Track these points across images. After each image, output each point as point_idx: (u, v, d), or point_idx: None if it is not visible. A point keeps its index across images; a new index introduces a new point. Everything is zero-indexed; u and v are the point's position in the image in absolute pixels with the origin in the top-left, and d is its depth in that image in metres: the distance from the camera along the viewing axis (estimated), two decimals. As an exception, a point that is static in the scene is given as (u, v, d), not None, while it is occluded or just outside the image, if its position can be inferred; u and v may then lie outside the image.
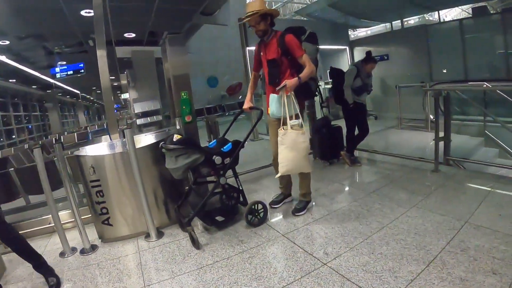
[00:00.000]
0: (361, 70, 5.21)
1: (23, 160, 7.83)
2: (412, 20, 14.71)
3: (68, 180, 3.53)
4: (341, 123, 5.82)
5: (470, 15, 12.37)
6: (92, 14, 6.49)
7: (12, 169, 4.82)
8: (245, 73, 9.07)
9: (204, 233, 3.57)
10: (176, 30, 8.73)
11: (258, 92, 8.48)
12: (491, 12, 11.33)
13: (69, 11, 6.34)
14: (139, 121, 11.03)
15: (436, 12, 15.06)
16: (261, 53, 3.64)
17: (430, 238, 2.96)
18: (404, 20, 13.91)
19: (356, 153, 5.69)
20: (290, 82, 3.31)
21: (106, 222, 3.68)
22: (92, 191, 3.60)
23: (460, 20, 11.18)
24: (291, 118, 3.38)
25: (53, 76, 10.99)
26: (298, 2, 15.68)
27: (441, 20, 12.93)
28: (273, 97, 3.51)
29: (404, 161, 5.45)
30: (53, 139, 12.59)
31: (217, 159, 3.35)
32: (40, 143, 11.42)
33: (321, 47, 3.82)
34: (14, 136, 14.57)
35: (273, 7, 16.81)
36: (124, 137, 3.49)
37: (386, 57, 12.15)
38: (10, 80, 13.91)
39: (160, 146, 3.30)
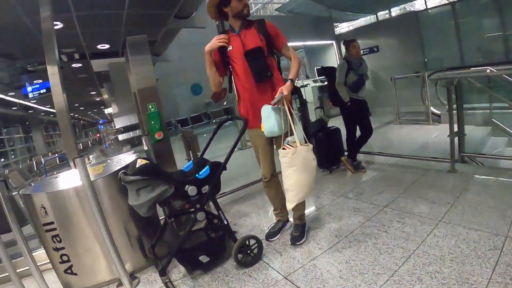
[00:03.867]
0: (351, 62, 4.58)
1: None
2: (393, 12, 14.13)
3: (15, 222, 2.81)
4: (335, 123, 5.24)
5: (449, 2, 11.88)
6: (60, 26, 5.90)
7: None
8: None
9: (187, 278, 2.85)
10: (152, 38, 8.15)
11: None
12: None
13: (34, 26, 5.70)
14: (121, 137, 10.70)
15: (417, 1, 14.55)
16: (229, 48, 2.90)
17: (470, 265, 2.32)
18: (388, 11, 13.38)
19: (359, 156, 5.00)
20: (286, 88, 2.66)
21: (68, 271, 2.99)
22: (47, 236, 2.92)
23: (452, 3, 10.57)
24: (291, 132, 2.73)
25: (25, 96, 10.32)
26: (277, 2, 15.10)
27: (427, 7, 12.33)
28: (268, 109, 2.73)
29: (413, 162, 4.82)
30: (35, 162, 11.92)
31: (191, 190, 2.62)
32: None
33: (306, 43, 3.16)
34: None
35: (253, 9, 16.34)
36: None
37: (376, 49, 11.56)
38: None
39: (118, 177, 2.58)
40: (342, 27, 17.03)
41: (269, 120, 2.72)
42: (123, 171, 2.58)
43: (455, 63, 9.73)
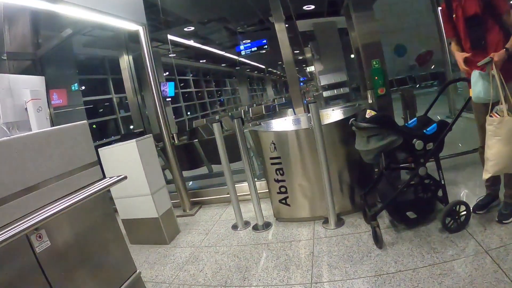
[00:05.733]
0: None
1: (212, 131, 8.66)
2: None
3: (246, 154, 3.49)
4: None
5: None
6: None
7: (196, 140, 5.11)
8: (440, 39, 7.05)
9: (390, 229, 3.03)
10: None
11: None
12: None
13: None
14: (326, 94, 11.01)
15: None
16: (454, 15, 2.81)
17: None
18: None
19: None
20: (498, 55, 2.47)
21: (283, 201, 3.53)
22: (272, 168, 3.47)
23: None
24: (500, 102, 2.60)
25: (239, 54, 11.64)
26: None
27: None
28: (476, 75, 2.61)
29: None
30: (242, 111, 13.50)
31: (418, 144, 2.70)
32: (217, 117, 12.43)
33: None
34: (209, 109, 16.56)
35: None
36: (308, 111, 3.14)
37: None
38: (201, 61, 15.37)
39: (350, 123, 2.83)
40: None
41: (477, 85, 2.62)
42: (353, 119, 2.85)
43: None
